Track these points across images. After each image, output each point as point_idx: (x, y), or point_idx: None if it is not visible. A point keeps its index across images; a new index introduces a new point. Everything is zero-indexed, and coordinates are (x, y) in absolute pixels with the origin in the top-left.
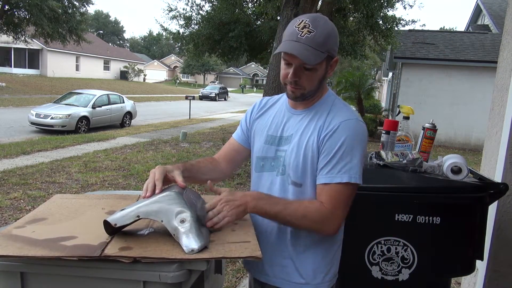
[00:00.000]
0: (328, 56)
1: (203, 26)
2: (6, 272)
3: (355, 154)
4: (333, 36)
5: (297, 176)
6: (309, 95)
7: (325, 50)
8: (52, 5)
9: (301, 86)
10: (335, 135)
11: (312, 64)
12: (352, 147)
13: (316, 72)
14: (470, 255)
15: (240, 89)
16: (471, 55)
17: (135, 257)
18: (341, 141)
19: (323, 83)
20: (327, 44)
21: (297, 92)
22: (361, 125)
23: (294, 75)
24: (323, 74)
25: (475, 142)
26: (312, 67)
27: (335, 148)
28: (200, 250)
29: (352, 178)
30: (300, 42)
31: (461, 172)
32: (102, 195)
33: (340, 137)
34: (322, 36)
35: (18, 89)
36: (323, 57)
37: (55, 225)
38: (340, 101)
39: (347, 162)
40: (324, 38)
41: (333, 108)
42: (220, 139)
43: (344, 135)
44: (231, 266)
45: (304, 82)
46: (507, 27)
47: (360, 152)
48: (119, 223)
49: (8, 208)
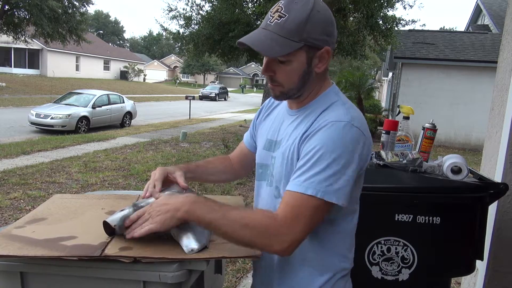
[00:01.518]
0: (308, 46)
1: (203, 26)
2: (6, 272)
3: (334, 164)
4: (317, 22)
5: (278, 186)
6: (292, 94)
7: (300, 38)
8: (52, 5)
9: (278, 83)
10: (315, 136)
11: (274, 56)
12: (331, 153)
13: (291, 65)
14: (470, 255)
15: (240, 89)
16: (471, 55)
17: (135, 257)
18: (319, 144)
19: (310, 79)
20: (302, 32)
21: (275, 90)
22: (353, 130)
23: (265, 69)
24: (304, 68)
25: (475, 142)
26: (285, 60)
27: (311, 152)
28: (200, 250)
29: (319, 192)
30: (267, 30)
31: (461, 172)
32: (102, 195)
33: (320, 140)
34: (295, 21)
35: (18, 89)
36: (295, 47)
37: (55, 225)
38: (341, 100)
39: (319, 171)
40: (298, 24)
41: (330, 107)
42: (220, 139)
43: (325, 137)
44: (231, 266)
45: (280, 78)
46: (507, 27)
47: (342, 162)
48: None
49: (8, 208)
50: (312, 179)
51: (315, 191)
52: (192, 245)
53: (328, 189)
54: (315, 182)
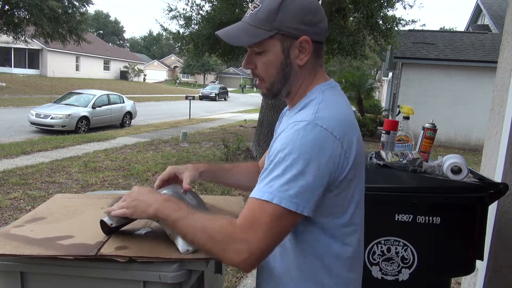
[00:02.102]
0: (282, 35)
1: (203, 26)
2: (6, 272)
3: (292, 168)
4: (291, 11)
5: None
6: (276, 90)
7: (271, 27)
8: (52, 5)
9: (260, 77)
10: (278, 139)
11: (240, 45)
12: (289, 156)
13: (268, 56)
14: (470, 255)
15: (240, 89)
16: (471, 55)
17: (131, 257)
18: (279, 147)
19: (293, 72)
20: (274, 20)
21: (261, 86)
22: (315, 130)
23: (246, 62)
24: (281, 59)
25: (475, 142)
26: (261, 50)
27: (271, 155)
28: (195, 250)
29: (275, 198)
30: (243, 22)
31: (461, 172)
32: (103, 195)
33: (280, 142)
34: (267, 10)
35: (18, 89)
36: (264, 36)
37: (53, 224)
38: (321, 98)
39: (277, 175)
40: (269, 12)
41: (307, 105)
42: (220, 139)
43: (285, 139)
44: (231, 266)
45: (260, 71)
46: (507, 27)
47: (301, 166)
48: (115, 223)
49: (8, 208)
50: (270, 183)
51: (271, 196)
52: (188, 245)
53: (285, 195)
54: (273, 187)
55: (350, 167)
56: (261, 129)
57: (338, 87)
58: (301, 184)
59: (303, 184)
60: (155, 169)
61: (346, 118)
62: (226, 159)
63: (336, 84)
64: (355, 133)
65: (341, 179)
